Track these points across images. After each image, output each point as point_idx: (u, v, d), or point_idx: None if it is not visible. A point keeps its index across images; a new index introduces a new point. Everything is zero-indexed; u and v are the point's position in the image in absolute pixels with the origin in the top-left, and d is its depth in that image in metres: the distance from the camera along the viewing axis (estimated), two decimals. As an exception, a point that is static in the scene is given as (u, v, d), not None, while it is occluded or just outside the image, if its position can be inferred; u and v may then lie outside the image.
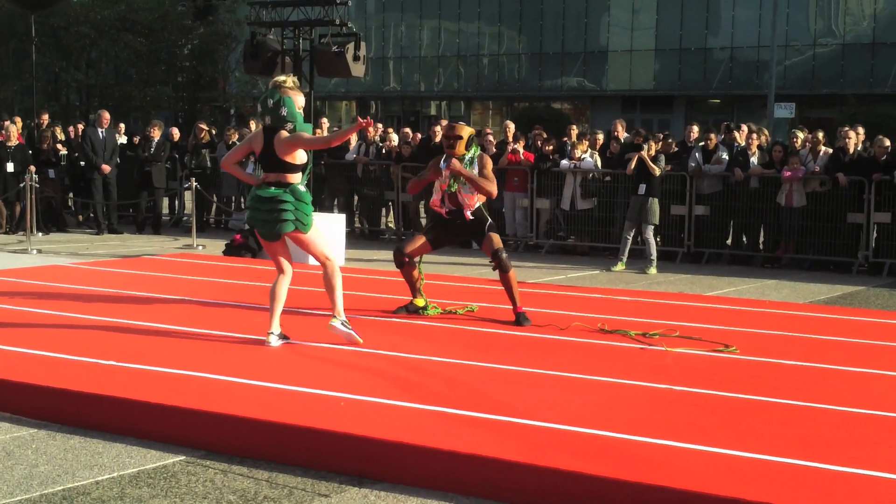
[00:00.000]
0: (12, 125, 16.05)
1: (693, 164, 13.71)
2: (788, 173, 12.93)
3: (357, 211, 16.75)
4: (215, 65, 35.44)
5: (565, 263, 13.35)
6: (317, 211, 7.60)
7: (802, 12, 35.30)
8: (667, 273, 12.35)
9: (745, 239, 13.87)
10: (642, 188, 12.34)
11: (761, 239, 13.72)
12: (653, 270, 12.36)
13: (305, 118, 7.04)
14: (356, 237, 15.81)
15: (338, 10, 13.13)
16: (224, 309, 8.51)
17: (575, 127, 16.36)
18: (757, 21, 35.31)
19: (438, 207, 8.18)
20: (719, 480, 4.32)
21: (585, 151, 14.36)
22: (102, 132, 16.36)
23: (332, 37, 13.44)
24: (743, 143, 13.90)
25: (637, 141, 13.43)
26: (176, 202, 18.79)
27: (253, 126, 16.72)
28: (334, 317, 6.96)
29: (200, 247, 14.22)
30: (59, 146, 16.95)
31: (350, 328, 6.96)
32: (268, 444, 5.03)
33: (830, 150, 13.36)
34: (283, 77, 6.92)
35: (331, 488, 4.64)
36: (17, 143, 15.81)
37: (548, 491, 4.43)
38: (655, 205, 12.36)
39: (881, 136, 13.09)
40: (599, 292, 10.32)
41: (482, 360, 6.63)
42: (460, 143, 8.02)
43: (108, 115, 16.75)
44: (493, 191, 8.02)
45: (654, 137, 12.96)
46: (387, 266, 11.05)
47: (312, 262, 7.21)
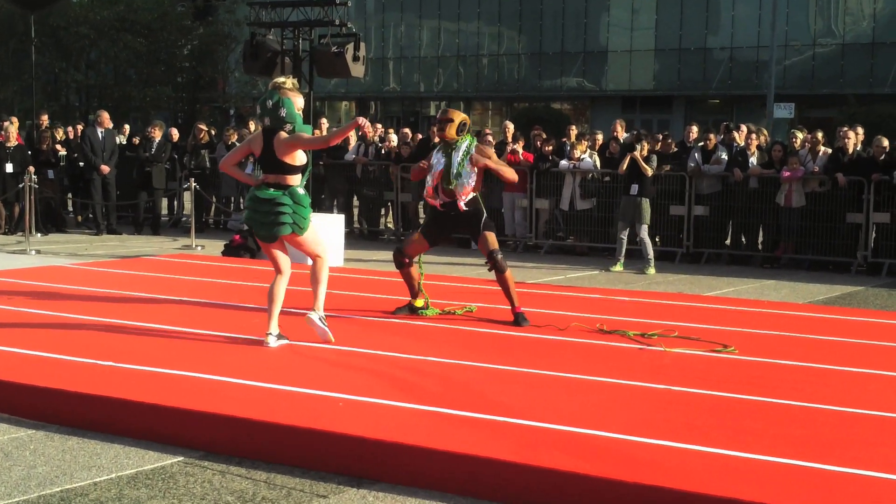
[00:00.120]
0: (11, 126, 16.04)
1: (692, 165, 13.71)
2: (788, 173, 12.94)
3: (356, 211, 16.76)
4: (215, 65, 35.44)
5: (564, 264, 13.35)
6: (316, 211, 7.60)
7: (802, 12, 35.29)
8: (666, 273, 12.35)
9: (744, 239, 13.87)
10: (634, 188, 12.32)
11: (760, 239, 13.73)
12: (651, 270, 12.35)
13: (305, 119, 7.03)
14: (355, 238, 15.81)
15: (337, 11, 13.13)
16: (222, 309, 8.51)
17: (574, 127, 16.37)
18: (756, 21, 35.30)
19: (432, 199, 8.17)
20: (717, 481, 4.32)
21: (584, 152, 14.37)
22: (102, 132, 16.36)
23: (331, 37, 13.42)
24: (742, 144, 13.91)
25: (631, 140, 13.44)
26: (175, 203, 18.79)
27: (252, 127, 16.72)
28: (313, 310, 6.97)
29: (199, 247, 14.21)
30: (59, 147, 16.96)
31: (326, 325, 6.98)
32: (266, 445, 5.03)
33: (830, 151, 13.36)
34: (282, 78, 6.92)
35: (329, 489, 4.64)
36: (17, 143, 15.81)
37: (546, 491, 4.43)
38: (647, 204, 12.36)
39: (880, 137, 13.10)
40: (598, 293, 10.32)
41: (481, 361, 6.63)
42: (451, 126, 7.97)
43: (107, 116, 16.74)
44: (515, 176, 8.44)
45: (648, 137, 12.94)
46: (386, 266, 11.05)
47: (311, 263, 7.21)
